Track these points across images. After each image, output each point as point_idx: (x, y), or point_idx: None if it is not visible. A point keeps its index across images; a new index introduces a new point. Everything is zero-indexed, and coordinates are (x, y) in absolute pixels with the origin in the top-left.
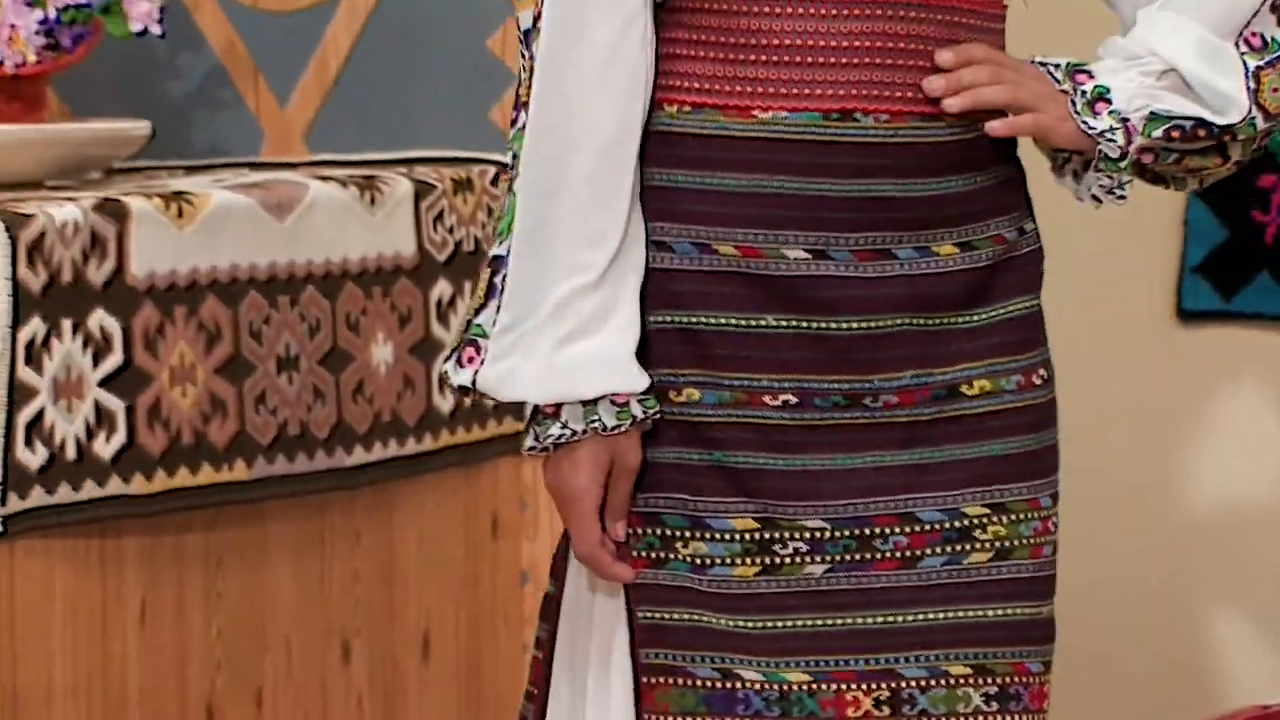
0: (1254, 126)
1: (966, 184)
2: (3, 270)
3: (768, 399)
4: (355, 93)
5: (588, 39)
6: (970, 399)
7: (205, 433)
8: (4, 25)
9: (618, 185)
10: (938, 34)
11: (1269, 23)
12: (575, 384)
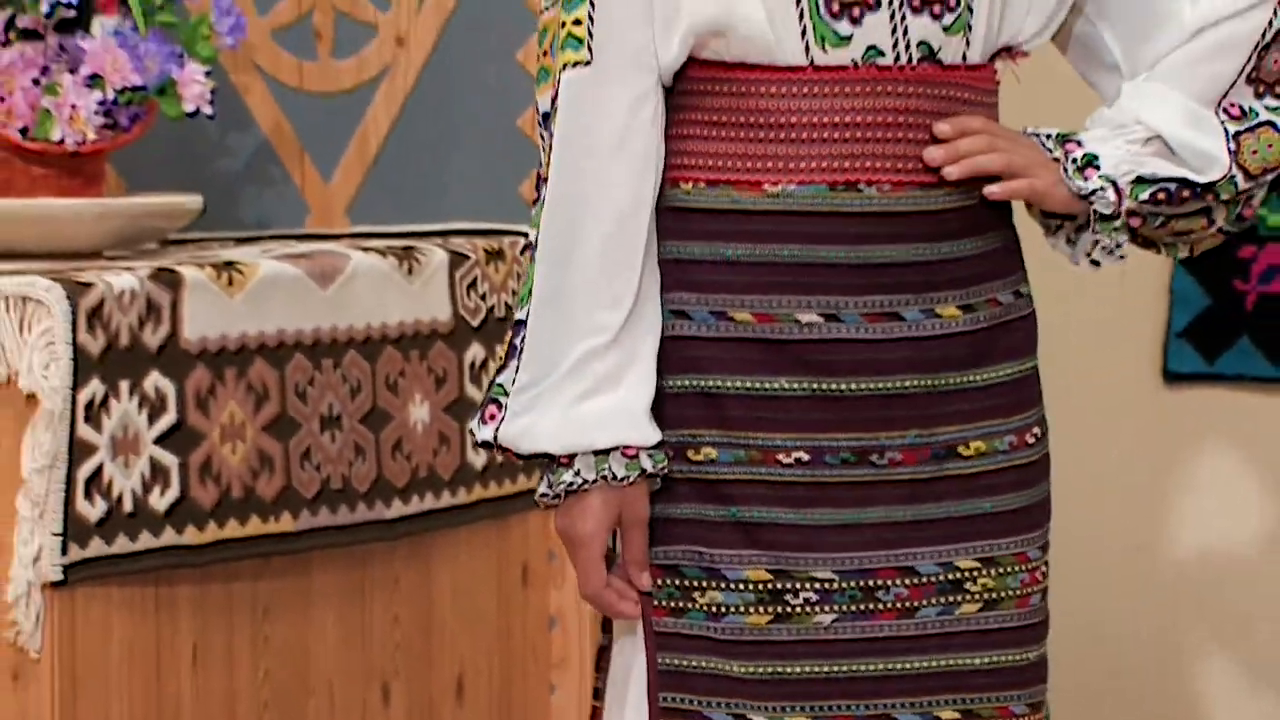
0: (1235, 185)
1: (966, 249)
2: (64, 335)
3: (781, 457)
4: (394, 169)
5: (601, 119)
6: (966, 459)
7: (254, 487)
8: (65, 105)
9: (631, 252)
10: (934, 108)
11: (1246, 94)
12: (590, 435)
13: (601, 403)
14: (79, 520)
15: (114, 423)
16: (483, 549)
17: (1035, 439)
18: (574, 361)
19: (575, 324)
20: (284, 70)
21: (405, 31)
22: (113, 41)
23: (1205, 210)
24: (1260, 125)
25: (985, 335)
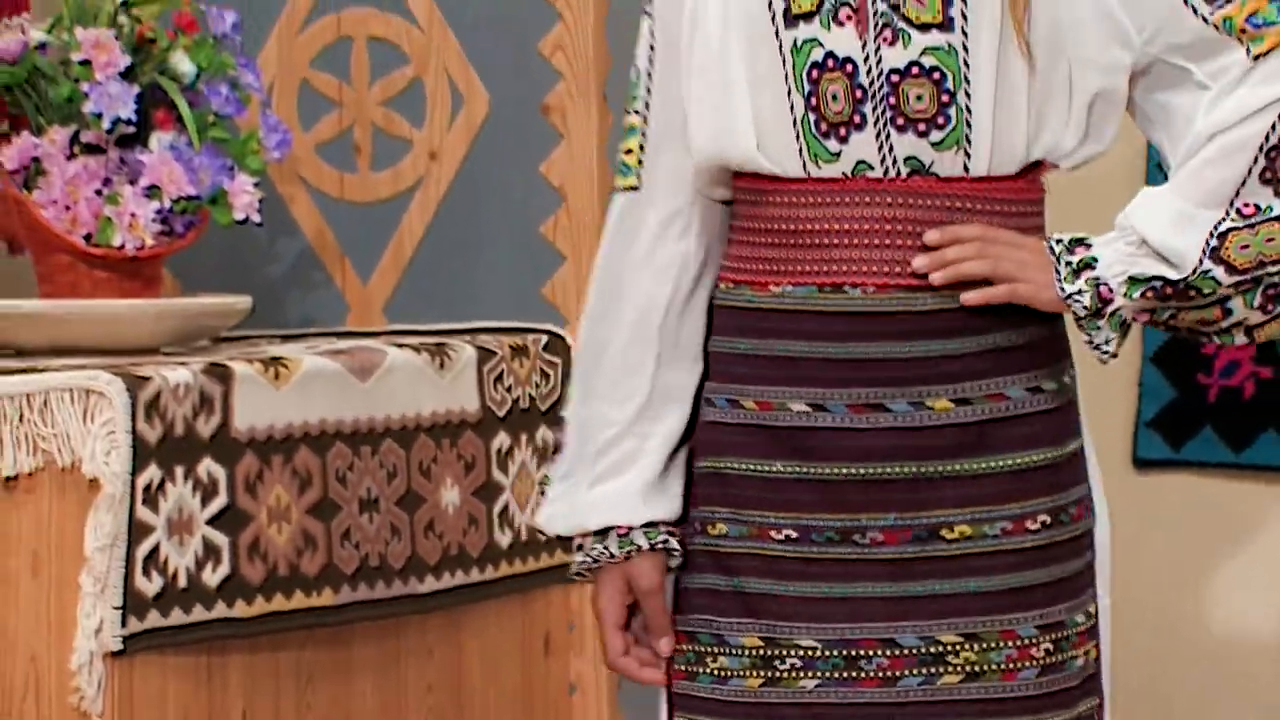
0: (1214, 280)
1: (964, 346)
2: (124, 424)
3: (773, 533)
4: (427, 272)
5: (637, 236)
6: (949, 542)
7: (298, 564)
8: (126, 213)
9: (645, 353)
10: (927, 217)
11: (1264, 194)
12: (586, 519)
13: (604, 489)
14: (137, 595)
15: (170, 505)
16: (508, 621)
17: (1043, 525)
18: (592, 453)
19: (597, 419)
20: (326, 181)
21: (437, 146)
22: (169, 155)
23: (1217, 301)
24: (1265, 221)
25: (982, 428)
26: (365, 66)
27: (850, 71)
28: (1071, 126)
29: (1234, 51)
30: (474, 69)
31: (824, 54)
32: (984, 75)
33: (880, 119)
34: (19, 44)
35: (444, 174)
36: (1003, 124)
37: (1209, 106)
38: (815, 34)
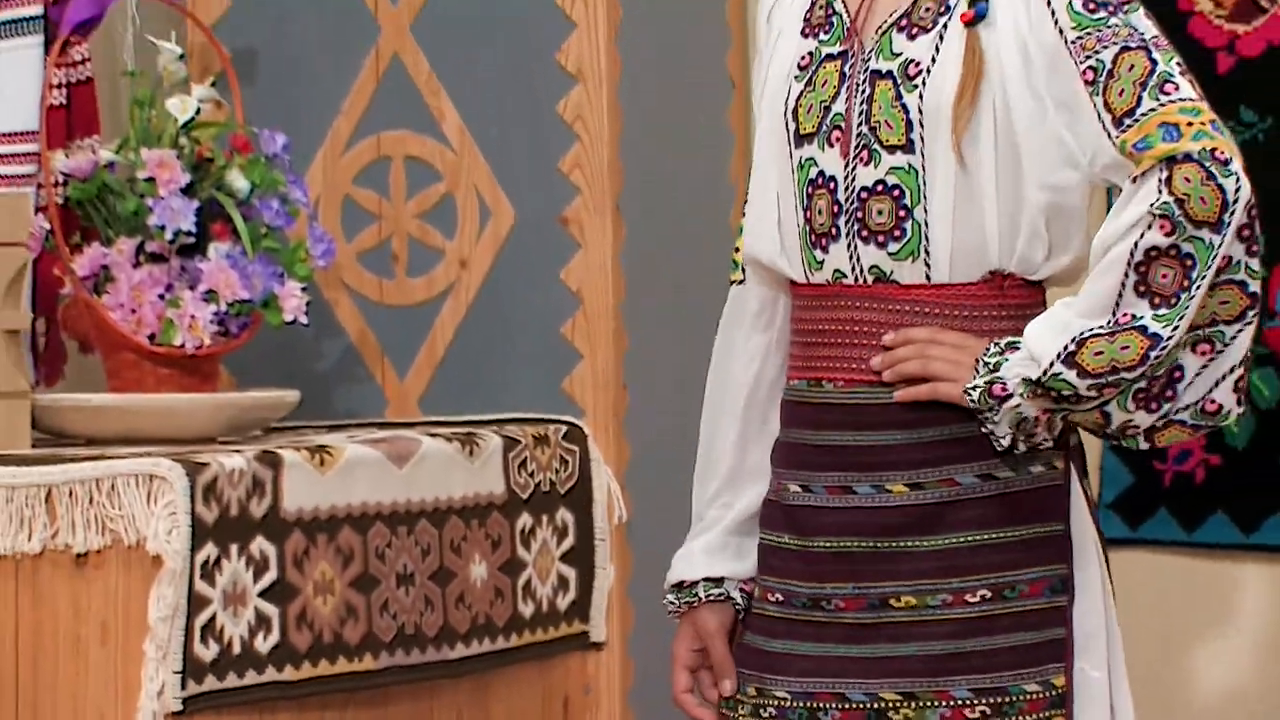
0: (1066, 382)
1: (920, 436)
2: (184, 506)
3: (769, 596)
4: (457, 369)
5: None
6: (896, 610)
7: (341, 633)
8: (186, 316)
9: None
10: (889, 320)
11: (1140, 305)
12: (669, 575)
13: (683, 550)
14: (196, 660)
15: (225, 579)
16: (530, 685)
17: (983, 599)
18: (693, 520)
19: (697, 490)
20: (367, 287)
21: (467, 255)
22: (225, 263)
23: (1096, 405)
24: (1126, 330)
25: (934, 509)
26: (402, 183)
27: (832, 188)
28: (1034, 241)
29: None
30: (500, 185)
31: (817, 172)
32: (939, 194)
33: (850, 232)
34: (90, 163)
35: (473, 280)
36: (961, 236)
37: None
38: (813, 154)
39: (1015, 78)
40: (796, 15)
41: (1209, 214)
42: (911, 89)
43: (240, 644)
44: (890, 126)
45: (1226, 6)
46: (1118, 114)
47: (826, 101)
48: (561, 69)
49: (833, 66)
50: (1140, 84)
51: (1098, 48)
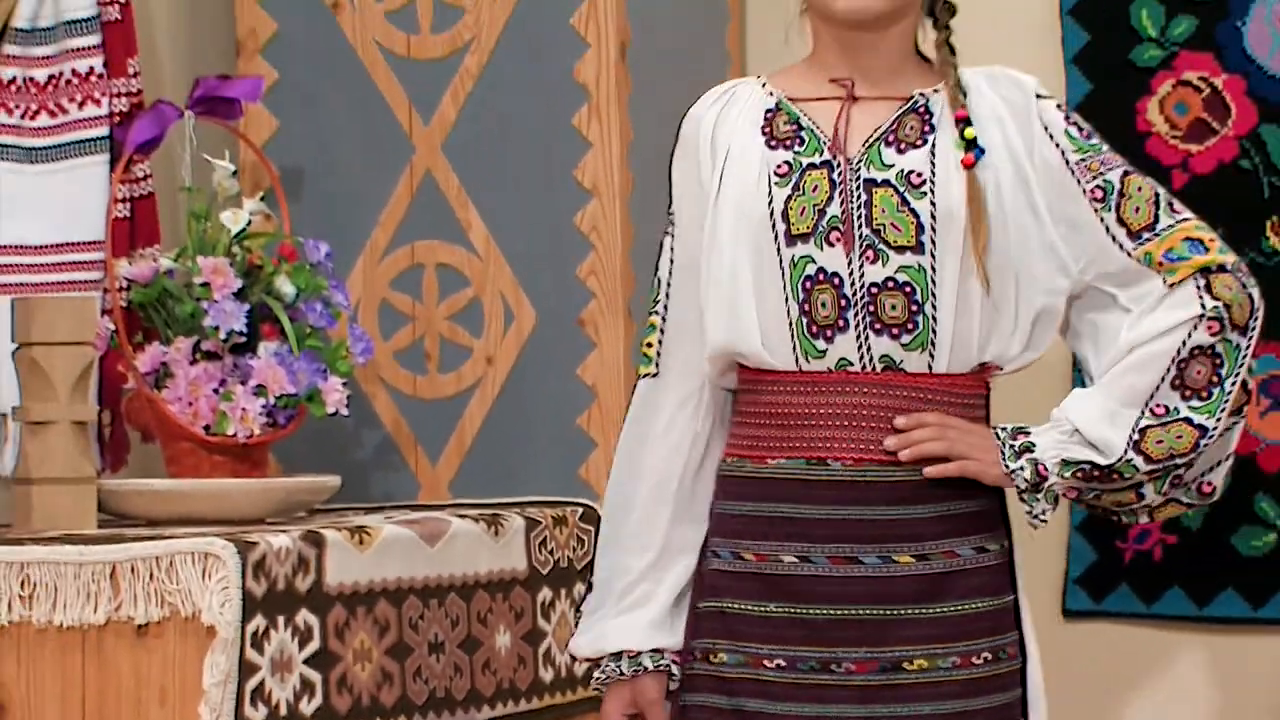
0: (1135, 467)
1: (924, 512)
2: (235, 581)
3: (766, 662)
4: (484, 457)
5: (655, 415)
6: (910, 672)
7: (378, 697)
8: (238, 408)
9: (656, 516)
10: (896, 405)
11: (1173, 397)
12: (605, 644)
13: (621, 621)
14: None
15: (273, 648)
16: None
17: (986, 660)
18: (616, 593)
19: (619, 567)
20: (402, 382)
21: (493, 353)
22: (274, 360)
23: (1134, 486)
24: (1175, 421)
25: (938, 579)
26: (434, 288)
27: (837, 284)
28: (1017, 337)
29: (1152, 280)
30: (523, 290)
31: (816, 269)
32: (947, 291)
33: (860, 323)
34: (151, 270)
35: (498, 376)
36: (961, 332)
37: (1131, 324)
38: (810, 252)
39: (1012, 197)
40: (748, 128)
41: (1243, 319)
42: (920, 196)
43: (286, 707)
44: (898, 229)
45: (1181, 128)
46: (1134, 229)
47: (820, 205)
48: (579, 185)
49: (819, 174)
50: (1153, 203)
51: (1102, 169)
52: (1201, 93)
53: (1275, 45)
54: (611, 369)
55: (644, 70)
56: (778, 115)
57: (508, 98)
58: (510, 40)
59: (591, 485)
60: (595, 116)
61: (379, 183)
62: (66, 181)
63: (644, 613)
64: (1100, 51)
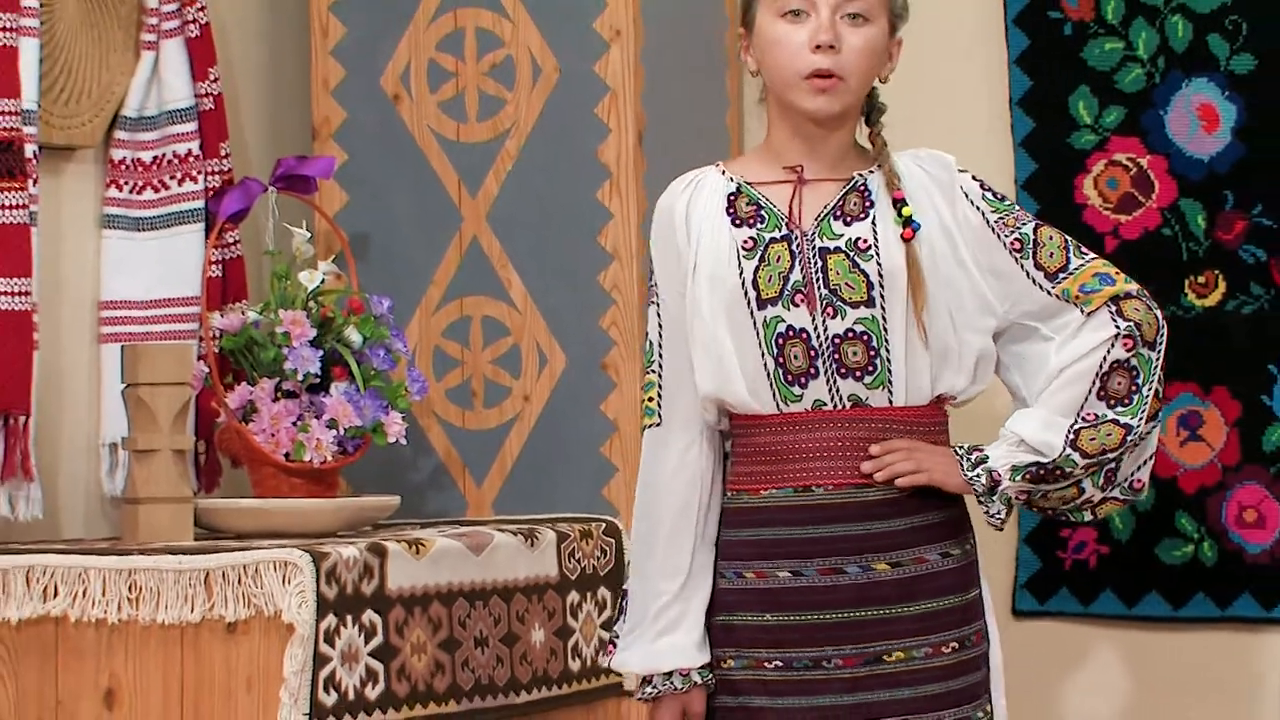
0: (1073, 461)
1: (896, 525)
2: (311, 586)
3: (766, 664)
4: (522, 480)
5: (664, 459)
6: (889, 663)
7: (431, 684)
8: (313, 438)
9: (682, 543)
10: (867, 435)
11: (1099, 405)
12: (659, 662)
13: (667, 641)
14: (320, 705)
15: (343, 642)
16: None
17: (953, 650)
18: (653, 613)
19: (651, 589)
20: (452, 415)
21: (529, 391)
22: (343, 398)
23: (1074, 481)
24: (1104, 423)
25: (910, 582)
26: (479, 335)
27: (805, 338)
28: (963, 374)
29: (1071, 312)
30: (554, 338)
31: (785, 326)
32: (897, 338)
33: (829, 370)
34: (239, 321)
35: (533, 411)
36: (912, 371)
37: (1058, 349)
38: (779, 313)
39: (946, 258)
40: (714, 210)
41: (1152, 336)
42: (867, 259)
43: (354, 693)
44: (852, 287)
45: (1112, 201)
46: (1051, 271)
47: (784, 272)
48: (602, 249)
49: (780, 246)
50: (1064, 248)
51: (1017, 225)
52: (1130, 171)
53: (1193, 131)
54: (630, 405)
55: (657, 151)
56: (739, 198)
57: (542, 175)
58: (544, 127)
59: (613, 504)
60: (616, 191)
61: (432, 247)
62: (168, 247)
63: (686, 633)
64: (1044, 136)
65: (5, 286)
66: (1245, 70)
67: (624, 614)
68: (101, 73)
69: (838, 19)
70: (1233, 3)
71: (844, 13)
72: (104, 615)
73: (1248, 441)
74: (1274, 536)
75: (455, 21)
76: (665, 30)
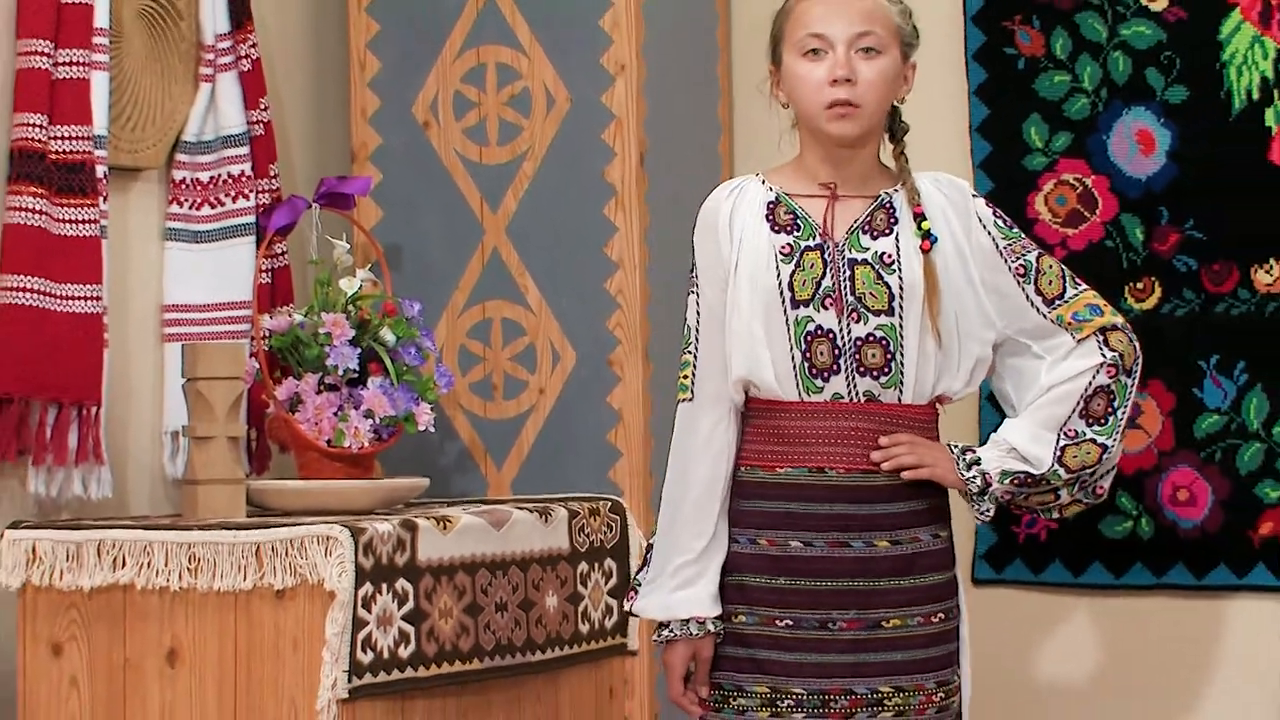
0: (1059, 475)
1: (897, 508)
2: (350, 557)
3: (777, 622)
4: (538, 464)
5: (695, 432)
6: (886, 629)
7: (457, 644)
8: (351, 426)
9: (709, 508)
10: (876, 427)
11: (1080, 424)
12: (676, 610)
13: (685, 593)
14: (358, 663)
15: (378, 607)
16: (586, 678)
17: (940, 620)
18: (673, 569)
19: (676, 546)
20: (475, 406)
21: (544, 385)
22: (379, 390)
23: (1054, 489)
24: (1084, 441)
25: (908, 558)
26: (499, 335)
27: (831, 338)
28: (960, 377)
29: (1063, 336)
30: (566, 337)
31: (815, 326)
32: (911, 344)
33: (849, 368)
34: (286, 322)
35: (547, 402)
36: (921, 374)
37: (1049, 369)
38: (810, 314)
39: (956, 272)
40: (755, 216)
41: (1130, 365)
42: (891, 273)
43: (388, 652)
44: (875, 297)
45: (1061, 216)
46: (1049, 297)
47: (817, 278)
48: (608, 258)
49: (814, 255)
50: (1061, 278)
51: (1023, 252)
52: (1076, 189)
53: (1132, 154)
54: (633, 397)
55: (657, 172)
56: (778, 207)
57: (554, 193)
58: (556, 150)
59: (618, 485)
60: (620, 208)
61: (457, 257)
62: (223, 257)
63: (704, 587)
64: (1000, 159)
65: (79, 292)
66: (1178, 100)
67: (647, 565)
68: (164, 102)
69: (853, 53)
70: (1167, 40)
71: (858, 47)
72: (166, 584)
73: (1181, 429)
74: (1204, 513)
75: (478, 57)
76: (664, 65)
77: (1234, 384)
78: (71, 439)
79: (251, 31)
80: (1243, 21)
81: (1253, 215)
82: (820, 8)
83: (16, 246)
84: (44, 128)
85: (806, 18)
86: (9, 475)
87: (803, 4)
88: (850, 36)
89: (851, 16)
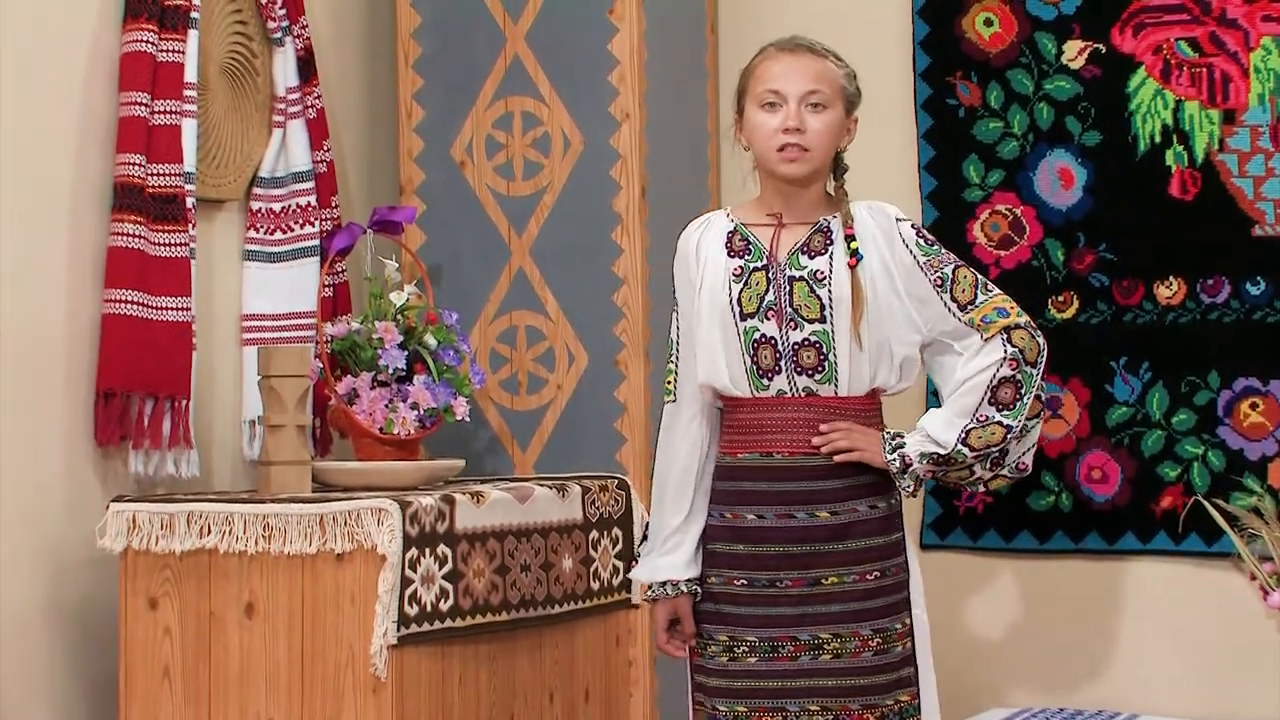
0: (962, 454)
1: (834, 485)
2: (398, 526)
3: (734, 582)
4: (557, 448)
5: (677, 426)
6: (826, 585)
7: (488, 599)
8: (400, 417)
9: (686, 489)
10: (817, 417)
11: (990, 409)
12: (656, 574)
13: (667, 559)
14: (405, 615)
15: (422, 569)
16: (596, 628)
17: (875, 577)
18: (660, 541)
19: (662, 522)
20: (503, 400)
21: (561, 382)
22: (423, 386)
23: (967, 466)
24: (991, 424)
25: (845, 526)
26: (523, 341)
27: (773, 344)
28: (893, 373)
29: (974, 335)
30: (580, 341)
31: (760, 335)
32: (841, 347)
33: (789, 369)
34: (345, 329)
35: (563, 397)
36: (853, 371)
37: (963, 364)
38: (756, 325)
39: (883, 285)
40: (717, 244)
41: (1033, 358)
42: (822, 286)
43: (430, 606)
44: (809, 308)
45: (994, 240)
46: (962, 303)
47: (761, 294)
48: (615, 275)
49: (760, 274)
50: (974, 286)
51: (940, 265)
52: (1007, 218)
53: (1054, 188)
54: (636, 392)
55: (656, 203)
56: (734, 235)
57: (570, 221)
58: (572, 184)
59: (624, 465)
60: (625, 232)
61: (489, 274)
62: (293, 275)
63: (680, 554)
64: (944, 192)
65: (172, 304)
66: (1093, 143)
67: (646, 539)
68: (243, 144)
69: (802, 108)
70: (1084, 93)
71: (808, 102)
72: (245, 548)
73: (1095, 419)
74: (1114, 490)
75: (506, 106)
76: (663, 113)
77: (1140, 381)
78: (165, 427)
79: (316, 85)
80: (1147, 77)
81: (1155, 240)
82: (778, 67)
83: (120, 266)
84: (142, 166)
85: (766, 75)
86: (113, 457)
87: (764, 64)
88: (801, 93)
89: (804, 76)
